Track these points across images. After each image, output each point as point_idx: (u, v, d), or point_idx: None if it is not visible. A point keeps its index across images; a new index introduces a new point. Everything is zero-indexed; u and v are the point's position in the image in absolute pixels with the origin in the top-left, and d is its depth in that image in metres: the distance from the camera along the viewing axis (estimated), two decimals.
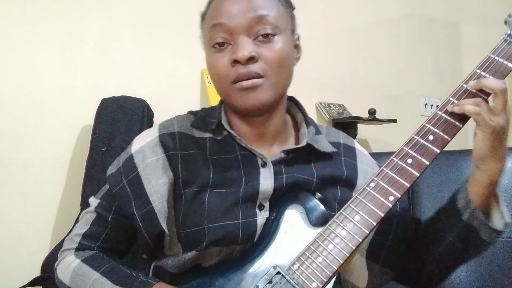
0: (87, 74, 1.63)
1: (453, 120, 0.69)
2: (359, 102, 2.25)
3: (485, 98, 0.68)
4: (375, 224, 0.66)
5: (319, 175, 0.80)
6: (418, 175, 0.67)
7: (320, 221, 0.74)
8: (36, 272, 1.35)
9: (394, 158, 0.69)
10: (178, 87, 1.83)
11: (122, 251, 0.85)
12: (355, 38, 2.35)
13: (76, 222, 0.86)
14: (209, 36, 0.78)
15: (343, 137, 0.91)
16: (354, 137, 2.01)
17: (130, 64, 1.72)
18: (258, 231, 0.75)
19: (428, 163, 0.68)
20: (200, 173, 0.78)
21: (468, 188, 0.72)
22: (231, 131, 0.80)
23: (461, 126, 0.69)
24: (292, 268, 0.67)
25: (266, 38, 0.75)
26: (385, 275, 0.82)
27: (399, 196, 0.67)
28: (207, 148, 0.81)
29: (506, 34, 0.72)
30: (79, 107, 1.60)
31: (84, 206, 1.31)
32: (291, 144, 0.85)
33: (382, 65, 2.42)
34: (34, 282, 1.34)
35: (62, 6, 1.60)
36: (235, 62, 0.74)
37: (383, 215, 0.66)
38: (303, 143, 0.81)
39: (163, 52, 1.79)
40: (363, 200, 0.68)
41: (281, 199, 0.77)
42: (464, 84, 0.71)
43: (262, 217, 0.75)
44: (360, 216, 0.67)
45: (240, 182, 0.77)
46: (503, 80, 0.69)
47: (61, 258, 0.82)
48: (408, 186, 0.67)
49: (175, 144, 0.81)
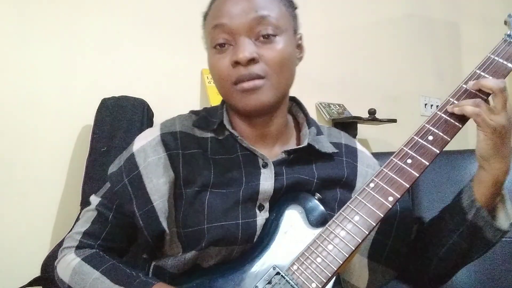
0: (87, 74, 1.63)
1: (453, 120, 0.69)
2: (359, 102, 2.25)
3: (485, 98, 0.68)
4: (374, 225, 0.66)
5: (319, 176, 0.80)
6: (418, 175, 0.67)
7: (319, 221, 0.74)
8: (36, 272, 1.34)
9: (394, 159, 0.69)
10: (178, 87, 1.83)
11: (122, 250, 0.85)
12: (355, 38, 2.35)
13: (77, 220, 0.86)
14: (210, 37, 0.78)
15: (344, 137, 0.91)
16: (354, 137, 2.01)
17: (130, 64, 1.72)
18: (258, 232, 0.75)
19: (428, 164, 0.67)
20: (201, 173, 0.78)
21: (473, 187, 0.72)
22: (232, 131, 0.80)
23: (461, 126, 0.69)
24: (291, 268, 0.67)
25: (267, 39, 0.75)
26: (387, 275, 0.82)
27: (399, 197, 0.66)
28: (209, 147, 0.81)
29: (506, 35, 0.72)
30: (79, 107, 1.60)
31: (84, 206, 1.30)
32: (292, 145, 0.85)
33: (382, 65, 2.42)
34: (34, 282, 1.34)
35: (62, 6, 1.60)
36: (236, 63, 0.74)
37: (382, 216, 0.66)
38: (304, 143, 0.81)
39: (163, 52, 1.79)
40: (362, 200, 0.68)
41: (281, 199, 0.77)
42: (463, 85, 0.71)
43: (262, 217, 0.75)
44: (360, 216, 0.67)
45: (240, 182, 0.77)
46: (502, 79, 0.68)
47: (61, 256, 0.82)
48: (408, 186, 0.67)
49: (176, 143, 0.81)
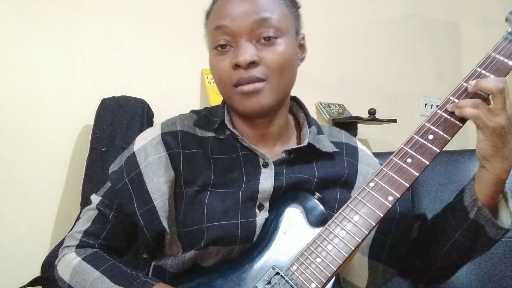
0: (87, 74, 1.63)
1: (453, 119, 0.68)
2: (359, 102, 2.25)
3: (485, 96, 0.68)
4: (374, 225, 0.66)
5: (320, 175, 0.80)
6: (418, 174, 0.67)
7: (319, 221, 0.74)
8: (36, 272, 1.34)
9: (394, 158, 0.69)
10: (178, 87, 1.83)
11: (123, 249, 0.85)
12: (355, 38, 2.35)
13: (77, 220, 0.86)
14: (212, 38, 0.78)
15: (345, 136, 0.91)
16: (354, 137, 2.00)
17: (130, 64, 1.72)
18: (257, 231, 0.74)
19: (428, 163, 0.67)
20: (202, 172, 0.78)
21: (474, 186, 0.71)
22: (233, 130, 0.80)
23: (461, 125, 0.68)
24: (291, 268, 0.67)
25: (268, 41, 0.75)
26: (388, 273, 0.82)
27: (399, 196, 0.66)
28: (209, 147, 0.81)
29: (507, 32, 0.71)
30: (79, 107, 1.60)
31: (84, 205, 1.30)
32: (293, 144, 0.85)
33: (382, 65, 2.42)
34: (34, 282, 1.34)
35: (62, 6, 1.60)
36: (237, 66, 0.74)
37: (382, 215, 0.66)
38: (305, 143, 0.81)
39: (163, 52, 1.79)
40: (362, 200, 0.67)
41: (280, 199, 0.77)
42: (464, 83, 0.70)
43: (261, 217, 0.75)
44: (359, 216, 0.66)
45: (240, 182, 0.77)
46: (503, 78, 0.68)
47: (62, 255, 0.83)
48: (408, 186, 0.67)
49: (177, 143, 0.81)
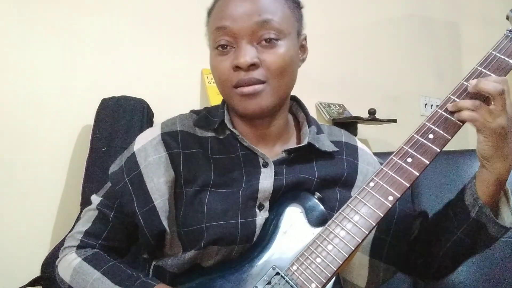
0: (87, 74, 1.63)
1: (453, 118, 0.68)
2: (359, 102, 2.25)
3: (485, 96, 0.67)
4: (374, 225, 0.66)
5: (320, 175, 0.80)
6: (418, 174, 0.67)
7: (319, 221, 0.74)
8: (36, 272, 1.34)
9: (394, 157, 0.69)
10: (178, 87, 1.83)
11: (123, 250, 0.85)
12: (355, 38, 2.35)
13: (77, 220, 0.86)
14: (213, 37, 0.78)
15: (345, 135, 0.91)
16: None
17: (130, 64, 1.72)
18: (257, 231, 0.74)
19: (428, 162, 0.67)
20: (201, 172, 0.78)
21: (475, 185, 0.71)
22: (233, 130, 0.80)
23: (461, 124, 0.68)
24: (291, 269, 0.67)
25: (269, 43, 0.74)
26: (388, 272, 0.82)
27: (399, 196, 0.66)
28: (209, 147, 0.81)
29: (508, 30, 0.71)
30: (79, 107, 1.60)
31: (84, 206, 1.30)
32: (292, 144, 0.85)
33: (382, 65, 2.41)
34: (34, 282, 1.34)
35: (62, 6, 1.60)
36: (237, 67, 0.74)
37: (382, 215, 0.66)
38: (304, 142, 0.81)
39: (163, 52, 1.79)
40: (362, 200, 0.67)
41: (280, 199, 0.77)
42: (464, 82, 0.69)
43: (261, 217, 0.75)
44: (360, 216, 0.66)
45: (240, 181, 0.77)
46: (503, 77, 0.67)
47: (62, 255, 0.83)
48: (408, 185, 0.66)
49: (177, 143, 0.81)
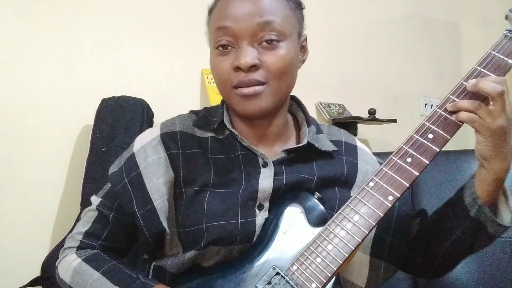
0: (87, 74, 1.63)
1: (453, 118, 0.68)
2: (359, 102, 2.25)
3: (485, 96, 0.67)
4: (374, 224, 0.66)
5: (319, 175, 0.80)
6: (418, 174, 0.67)
7: (319, 220, 0.74)
8: (36, 272, 1.34)
9: (394, 157, 0.69)
10: (178, 87, 1.83)
11: (123, 250, 0.85)
12: (355, 38, 2.35)
13: (77, 221, 0.86)
14: (213, 37, 0.78)
15: (344, 135, 0.91)
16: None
17: (130, 64, 1.72)
18: (257, 231, 0.75)
19: (427, 162, 0.67)
20: (201, 172, 0.78)
21: (474, 184, 0.71)
22: (233, 130, 0.80)
23: (461, 124, 0.68)
24: (291, 268, 0.67)
25: (270, 45, 0.74)
26: (389, 271, 0.82)
27: (398, 196, 0.66)
28: (209, 147, 0.81)
29: (507, 30, 0.71)
30: (79, 107, 1.60)
31: (84, 206, 1.30)
32: (292, 144, 0.85)
33: (382, 65, 2.41)
34: (34, 282, 1.34)
35: (62, 6, 1.60)
36: (237, 68, 0.74)
37: (382, 215, 0.66)
38: (304, 142, 0.81)
39: (163, 52, 1.79)
40: (362, 200, 0.67)
41: (280, 199, 0.77)
42: (464, 82, 0.70)
43: (261, 217, 0.75)
44: (359, 216, 0.66)
45: (240, 182, 0.77)
46: (502, 77, 0.67)
47: (62, 256, 0.83)
48: (408, 185, 0.67)
49: (176, 143, 0.81)
